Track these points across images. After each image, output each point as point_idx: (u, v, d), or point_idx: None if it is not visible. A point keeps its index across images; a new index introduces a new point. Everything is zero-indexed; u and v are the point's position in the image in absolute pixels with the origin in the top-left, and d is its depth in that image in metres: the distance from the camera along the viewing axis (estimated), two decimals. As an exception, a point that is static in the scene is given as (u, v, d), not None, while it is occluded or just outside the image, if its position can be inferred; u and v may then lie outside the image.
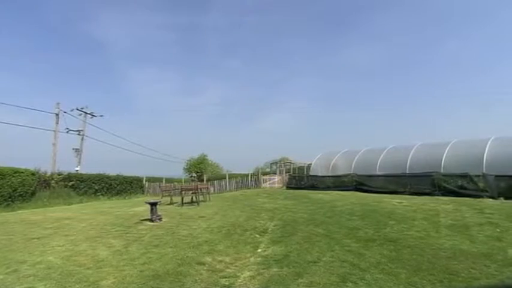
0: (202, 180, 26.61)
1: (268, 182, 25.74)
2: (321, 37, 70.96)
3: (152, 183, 25.91)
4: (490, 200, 11.66)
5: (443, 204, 10.26)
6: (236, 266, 5.02)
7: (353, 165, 19.41)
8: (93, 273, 4.61)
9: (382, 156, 18.46)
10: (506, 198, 11.78)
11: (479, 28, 58.97)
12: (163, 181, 26.78)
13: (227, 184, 25.16)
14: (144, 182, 25.83)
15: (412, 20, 62.73)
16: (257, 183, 25.69)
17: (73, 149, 26.34)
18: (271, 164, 35.99)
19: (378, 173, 17.48)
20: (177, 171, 38.11)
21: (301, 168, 28.70)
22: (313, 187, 19.75)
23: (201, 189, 14.51)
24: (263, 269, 4.82)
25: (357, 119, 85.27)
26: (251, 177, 26.06)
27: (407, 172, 16.17)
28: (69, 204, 15.60)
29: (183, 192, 13.89)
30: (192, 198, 13.88)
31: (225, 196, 17.15)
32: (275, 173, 28.96)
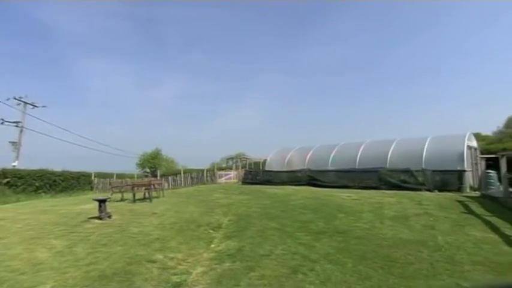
0: (156, 176, 25.85)
1: (224, 178, 25.69)
2: (285, 34, 71.60)
3: (102, 180, 24.57)
4: (427, 192, 12.78)
5: (388, 197, 11.02)
6: (189, 262, 4.96)
7: (307, 161, 20.08)
8: (28, 278, 4.21)
9: (334, 152, 19.31)
10: (440, 190, 13.02)
11: (424, 34, 63.62)
12: (114, 177, 25.55)
13: (182, 180, 24.70)
14: (93, 178, 24.41)
15: (367, 23, 65.85)
16: (213, 178, 25.53)
17: (9, 142, 24.02)
18: (227, 159, 36.04)
19: (330, 168, 18.27)
20: (130, 166, 36.55)
21: (257, 164, 29.02)
22: (268, 182, 20.10)
23: (154, 185, 14.05)
24: (216, 264, 4.82)
25: (315, 116, 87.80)
26: (207, 173, 25.83)
27: (356, 167, 17.11)
28: (3, 204, 14.21)
29: (135, 188, 13.36)
30: (144, 194, 13.41)
31: (179, 192, 16.80)
32: (231, 169, 28.99)
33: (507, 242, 5.47)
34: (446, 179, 13.67)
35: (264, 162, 25.13)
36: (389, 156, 16.48)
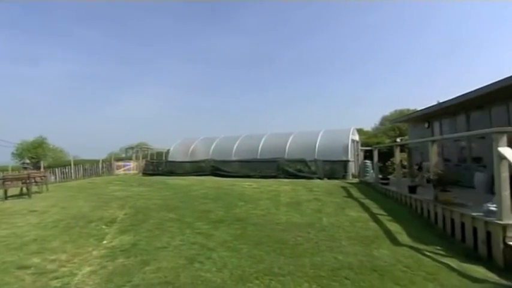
0: (39, 168, 22.43)
1: (122, 169, 23.88)
2: (190, 21, 68.97)
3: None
4: (318, 180, 14.25)
5: (284, 185, 11.89)
6: (74, 263, 4.47)
7: (211, 151, 20.18)
8: None
9: (237, 143, 19.87)
10: (329, 178, 14.68)
11: (316, 37, 70.11)
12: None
13: (72, 171, 22.02)
14: None
15: (271, 20, 68.69)
16: (110, 170, 23.50)
17: None
18: (126, 149, 33.51)
19: (234, 158, 18.74)
20: (4, 157, 30.86)
21: (159, 154, 27.85)
22: (171, 173, 19.51)
23: (35, 179, 12.19)
24: (107, 261, 4.47)
25: (220, 107, 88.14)
26: (103, 164, 23.62)
27: (258, 158, 17.96)
28: None
29: (8, 183, 11.36)
30: (21, 189, 11.53)
31: (69, 185, 14.96)
32: (131, 159, 27.11)
33: (374, 219, 6.54)
34: (334, 168, 15.49)
35: (167, 152, 24.27)
36: (287, 147, 17.78)
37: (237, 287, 3.59)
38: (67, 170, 21.92)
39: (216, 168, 18.19)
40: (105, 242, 5.47)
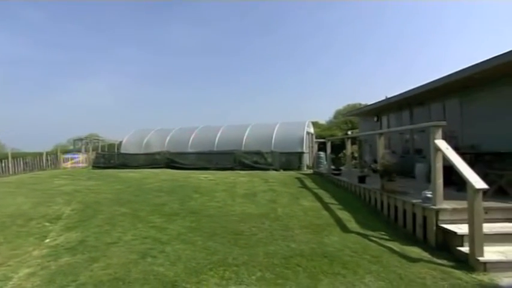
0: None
1: (70, 162, 22.40)
2: (148, 8, 65.32)
3: None
4: (274, 171, 14.51)
5: (241, 177, 11.94)
6: (9, 265, 4.11)
7: (166, 143, 19.63)
8: None
9: (193, 135, 19.53)
10: (285, 169, 15.02)
11: (281, 27, 70.75)
12: None
13: (10, 166, 20.16)
14: None
15: (232, 11, 67.69)
16: (56, 163, 21.90)
17: None
18: (75, 140, 31.41)
19: (190, 150, 18.41)
20: None
21: (111, 146, 26.58)
22: (124, 166, 18.67)
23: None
24: (49, 261, 4.18)
25: (176, 97, 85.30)
26: (47, 157, 21.92)
27: (215, 150, 17.82)
28: None
29: None
30: None
31: (6, 181, 13.68)
32: (80, 151, 25.51)
33: (325, 208, 6.83)
34: (290, 160, 15.87)
35: (120, 144, 23.18)
36: (244, 139, 17.84)
37: (191, 279, 3.55)
38: (3, 164, 20.01)
39: (172, 161, 17.75)
40: (47, 240, 5.11)
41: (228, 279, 3.55)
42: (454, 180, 5.64)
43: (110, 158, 20.38)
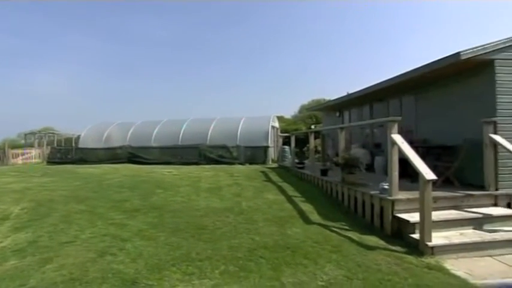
0: None
1: (21, 157, 20.93)
2: None
3: None
4: (240, 165, 14.55)
5: (206, 171, 11.84)
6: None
7: (128, 137, 18.93)
8: None
9: (157, 128, 19.02)
10: (250, 163, 15.11)
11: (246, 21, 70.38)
12: None
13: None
14: None
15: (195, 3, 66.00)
16: (4, 159, 20.34)
17: None
18: (27, 134, 29.32)
19: (153, 144, 17.92)
20: None
21: (68, 140, 25.16)
22: (82, 161, 17.78)
23: None
24: (-6, 265, 3.88)
25: (137, 89, 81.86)
26: (-6, 152, 20.33)
27: (179, 144, 17.49)
28: None
29: None
30: None
31: None
32: (33, 146, 23.89)
33: (289, 201, 6.97)
34: (255, 154, 15.99)
35: (78, 138, 22.00)
36: (209, 133, 17.67)
37: (152, 275, 3.47)
38: None
39: (134, 155, 17.18)
40: (-8, 243, 4.73)
41: (191, 274, 3.52)
42: (409, 172, 5.99)
43: (66, 152, 19.29)
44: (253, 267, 3.65)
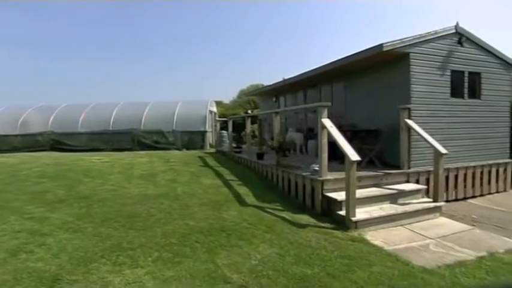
0: None
1: None
2: None
3: None
4: (176, 151, 14.18)
5: (139, 157, 11.29)
6: None
7: (50, 122, 17.04)
8: None
9: (84, 113, 17.43)
10: (188, 149, 14.83)
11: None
12: None
13: None
14: None
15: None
16: None
17: None
18: None
19: (80, 130, 16.46)
20: None
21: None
22: (-8, 150, 15.65)
23: None
24: None
25: (65, 70, 73.48)
26: None
27: (110, 129, 16.32)
28: None
29: None
30: None
31: None
32: None
33: (225, 185, 7.03)
34: (193, 139, 15.70)
35: (-15, 124, 19.17)
36: (143, 117, 16.77)
37: (78, 270, 3.23)
38: None
39: (58, 142, 15.65)
40: None
41: (121, 264, 3.36)
42: (338, 155, 6.42)
43: (-29, 140, 16.73)
44: (188, 252, 3.62)
